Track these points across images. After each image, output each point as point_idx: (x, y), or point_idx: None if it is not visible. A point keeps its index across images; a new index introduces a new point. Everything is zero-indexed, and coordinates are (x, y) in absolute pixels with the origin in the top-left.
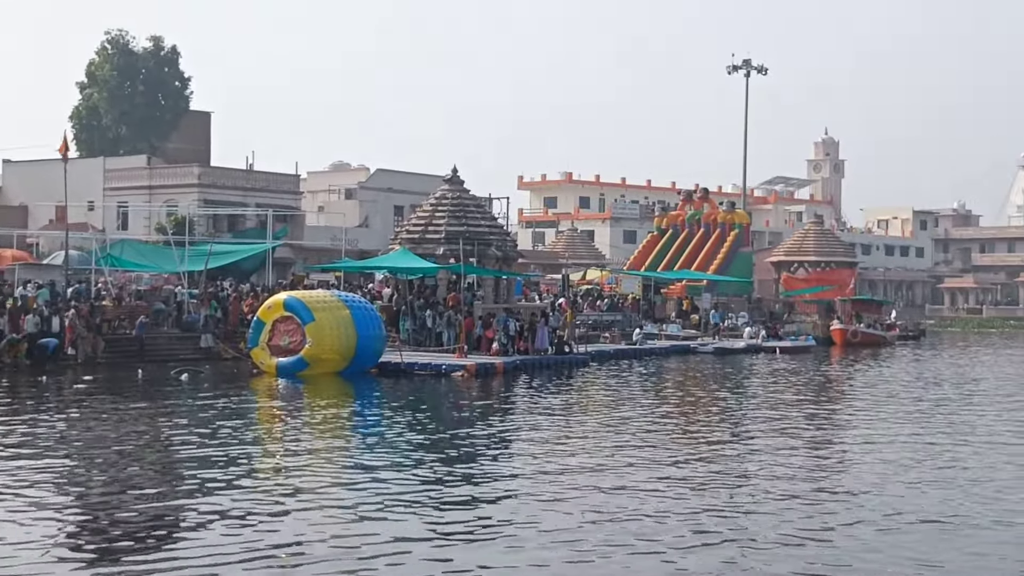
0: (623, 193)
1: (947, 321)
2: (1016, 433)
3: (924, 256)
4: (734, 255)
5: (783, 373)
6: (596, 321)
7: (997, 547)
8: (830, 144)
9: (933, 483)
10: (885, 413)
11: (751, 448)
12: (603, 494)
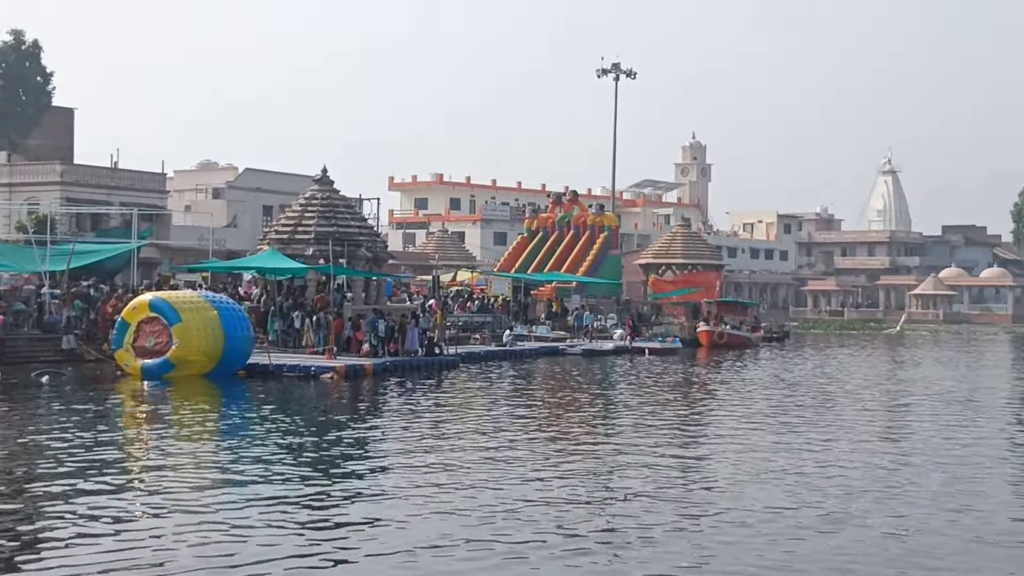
0: (494, 195)
1: (810, 323)
2: (877, 433)
3: (788, 259)
4: (603, 257)
5: (651, 374)
6: (466, 322)
7: (851, 545)
8: (697, 148)
9: (793, 482)
10: (749, 413)
11: (617, 449)
12: (470, 495)
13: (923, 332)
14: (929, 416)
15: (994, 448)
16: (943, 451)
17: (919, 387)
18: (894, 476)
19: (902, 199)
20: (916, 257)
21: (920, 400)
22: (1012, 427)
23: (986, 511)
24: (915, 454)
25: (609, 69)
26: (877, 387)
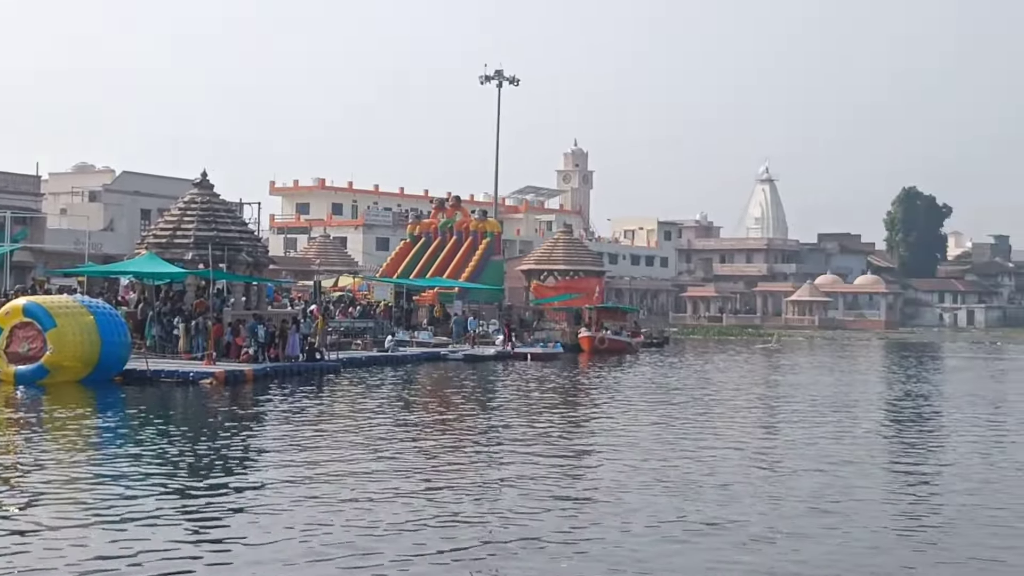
0: (376, 200)
1: (690, 328)
2: (755, 437)
3: (668, 266)
4: (486, 263)
5: (532, 380)
6: (348, 328)
7: (728, 549)
8: (579, 155)
9: (673, 487)
10: (629, 418)
11: (498, 456)
12: (350, 505)
13: (799, 338)
14: (805, 420)
15: (867, 451)
16: (819, 454)
17: (795, 392)
18: (771, 480)
19: (779, 207)
20: (793, 264)
21: (796, 404)
22: (884, 431)
23: (857, 514)
24: (791, 457)
25: (492, 76)
26: (755, 392)
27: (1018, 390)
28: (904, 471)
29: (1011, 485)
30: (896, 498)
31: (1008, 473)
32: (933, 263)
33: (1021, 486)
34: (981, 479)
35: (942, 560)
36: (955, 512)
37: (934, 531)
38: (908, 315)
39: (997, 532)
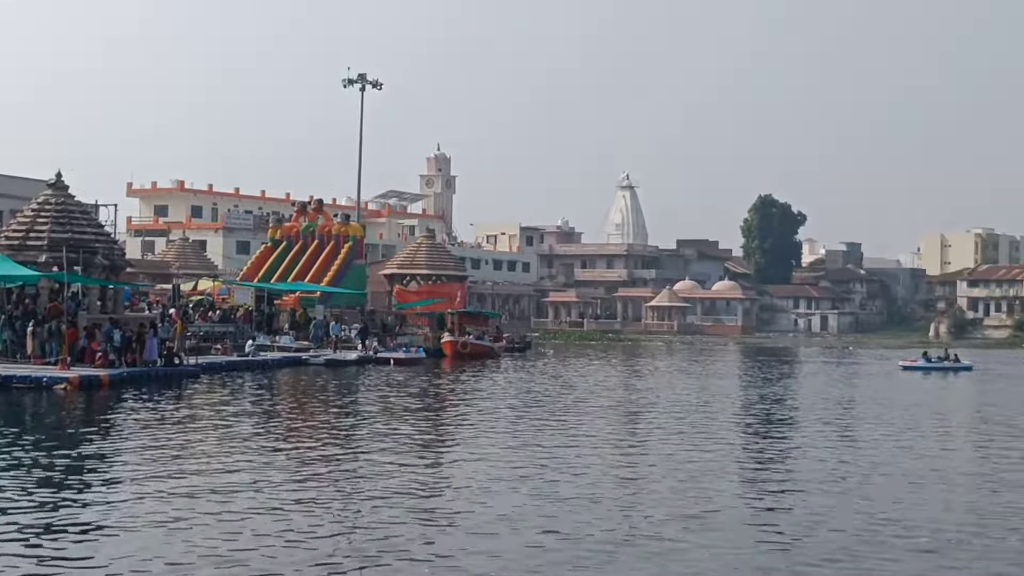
0: (237, 203)
1: (551, 333)
2: (613, 440)
3: (530, 271)
4: (348, 267)
5: (394, 385)
6: (207, 332)
7: (589, 559)
8: (442, 160)
9: (533, 491)
10: (489, 422)
11: (359, 461)
12: (209, 515)
13: (658, 343)
14: (663, 423)
15: (723, 455)
16: (677, 459)
17: (654, 395)
18: (630, 483)
19: (640, 214)
20: (652, 270)
21: (655, 408)
22: (740, 434)
23: (716, 518)
24: (651, 462)
25: (355, 79)
26: (614, 396)
27: (867, 394)
28: (761, 475)
29: (862, 486)
30: (753, 501)
31: (860, 475)
32: (788, 269)
33: (872, 488)
34: (835, 480)
35: (799, 562)
36: (809, 514)
37: (789, 535)
38: (764, 320)
39: (851, 533)
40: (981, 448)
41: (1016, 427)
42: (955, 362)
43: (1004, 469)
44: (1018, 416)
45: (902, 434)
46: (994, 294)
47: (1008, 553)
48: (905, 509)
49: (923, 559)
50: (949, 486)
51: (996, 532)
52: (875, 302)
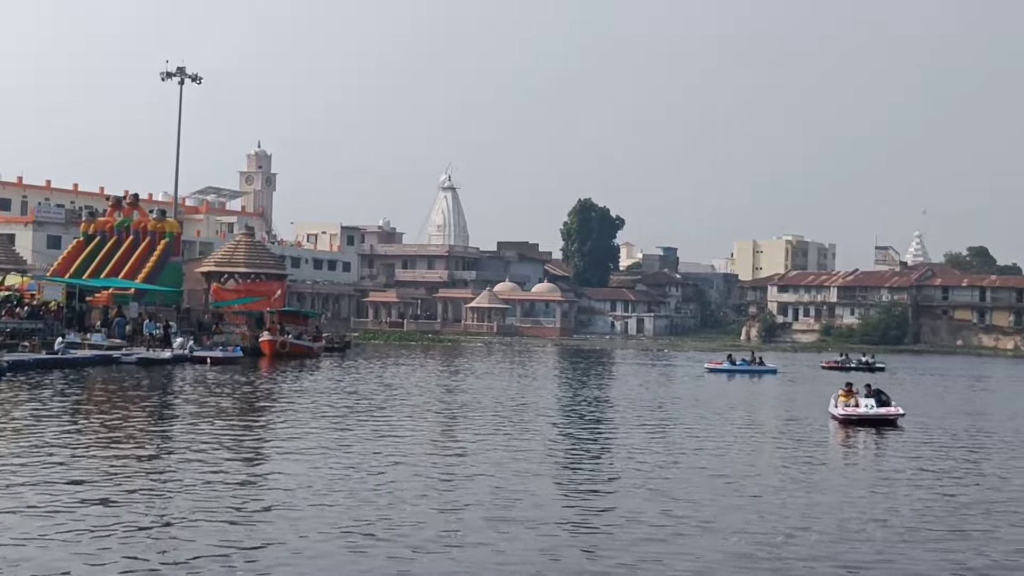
0: (47, 196)
1: (371, 334)
2: (431, 442)
3: (351, 270)
4: (164, 264)
5: (209, 384)
6: (15, 329)
7: (400, 562)
8: (263, 157)
9: (347, 495)
10: (307, 424)
11: (170, 463)
12: (13, 514)
13: (478, 344)
14: (481, 425)
15: (540, 455)
16: (493, 459)
17: (472, 396)
18: (445, 486)
19: (461, 215)
20: (473, 271)
21: (473, 409)
22: (557, 435)
23: (530, 518)
24: (466, 463)
25: (174, 72)
26: (433, 396)
27: (680, 393)
28: (576, 475)
29: (676, 486)
30: (568, 501)
31: (673, 474)
32: (606, 273)
33: (686, 487)
34: (647, 480)
35: (611, 563)
36: (622, 514)
37: (604, 535)
38: (582, 323)
39: (661, 534)
40: (784, 449)
41: (816, 428)
42: (759, 365)
43: (801, 472)
44: (819, 417)
45: (706, 435)
46: (803, 299)
47: (809, 548)
48: (712, 510)
49: (733, 560)
50: (757, 487)
51: (802, 532)
52: (690, 306)
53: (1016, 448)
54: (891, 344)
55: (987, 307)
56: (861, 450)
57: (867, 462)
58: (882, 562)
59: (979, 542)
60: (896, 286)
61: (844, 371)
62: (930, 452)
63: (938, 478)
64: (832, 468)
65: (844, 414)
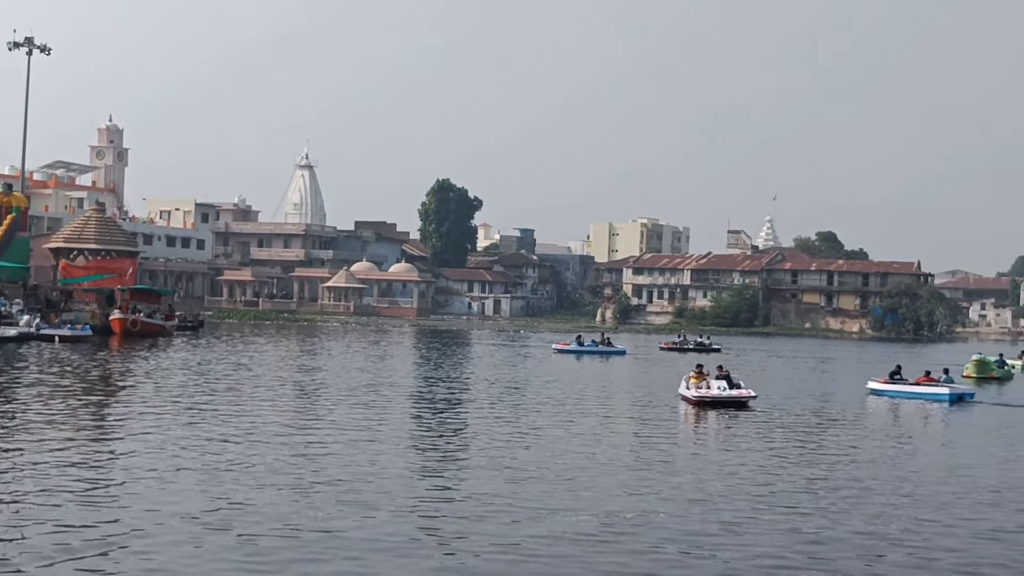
0: None
1: (226, 312)
2: (288, 422)
3: (205, 248)
4: (10, 240)
5: (57, 363)
6: None
7: (241, 546)
8: (114, 132)
9: (200, 477)
10: (156, 403)
11: (10, 443)
12: None
13: (334, 323)
14: (336, 404)
15: (397, 435)
16: (346, 439)
17: (328, 376)
18: (295, 466)
19: (318, 193)
20: (330, 251)
21: (329, 389)
22: (414, 414)
23: (386, 496)
24: (318, 444)
25: (22, 43)
26: (289, 376)
27: (531, 375)
28: (427, 456)
29: (527, 467)
30: (419, 482)
31: (523, 456)
32: (464, 253)
33: (537, 467)
34: (496, 461)
35: (461, 544)
36: (472, 495)
37: (464, 521)
38: (439, 303)
39: (513, 514)
40: (635, 430)
41: (667, 409)
42: (608, 346)
43: (644, 455)
44: (669, 398)
45: (557, 417)
46: (657, 282)
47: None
48: (563, 490)
49: (581, 539)
50: (608, 468)
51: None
52: (546, 287)
53: (857, 427)
54: (742, 326)
55: (834, 291)
56: (712, 431)
57: (718, 443)
58: (730, 535)
59: (823, 518)
60: (747, 269)
61: (681, 351)
62: (779, 433)
63: (785, 457)
64: (684, 449)
65: (698, 396)
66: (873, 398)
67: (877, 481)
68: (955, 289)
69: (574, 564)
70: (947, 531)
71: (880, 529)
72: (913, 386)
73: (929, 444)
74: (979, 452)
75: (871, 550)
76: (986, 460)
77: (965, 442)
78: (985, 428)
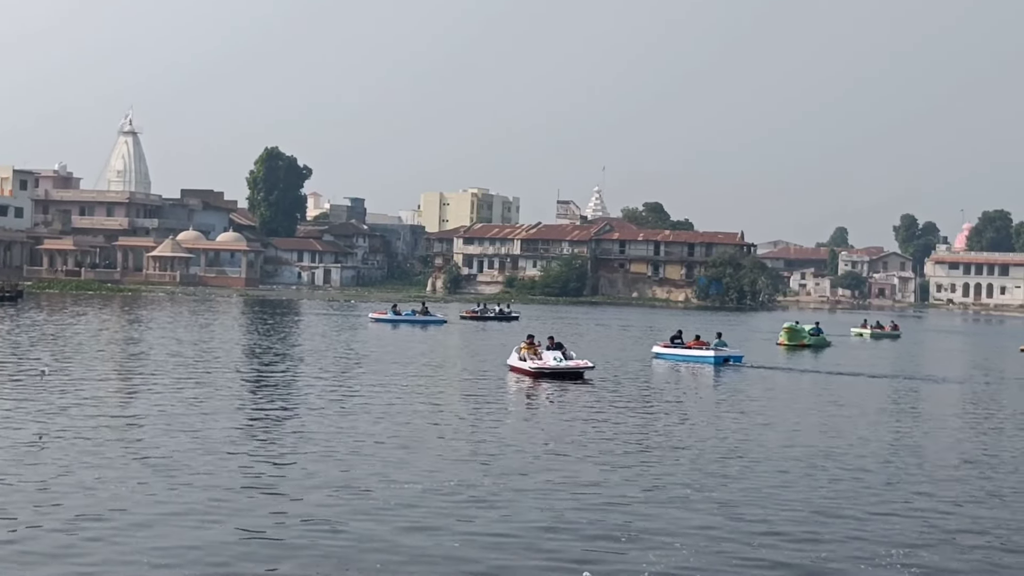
0: None
1: (46, 283)
2: (109, 395)
3: (24, 216)
4: None
5: None
6: None
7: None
8: None
9: (15, 451)
10: None
11: None
12: None
13: (160, 294)
14: (164, 378)
15: (230, 408)
16: (169, 411)
17: (155, 349)
18: (115, 440)
19: (142, 160)
20: (155, 219)
21: (151, 360)
22: (244, 389)
23: (210, 473)
24: (149, 418)
25: None
26: (108, 348)
27: (365, 346)
28: (250, 428)
29: (352, 441)
30: (241, 453)
31: (346, 428)
32: (293, 223)
33: (364, 444)
34: (323, 432)
35: (287, 517)
36: (298, 470)
37: (287, 499)
38: (268, 273)
39: (340, 492)
40: (467, 401)
41: (496, 380)
42: (426, 315)
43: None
44: (496, 369)
45: (385, 388)
46: (487, 251)
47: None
48: (393, 460)
49: (403, 509)
50: (436, 440)
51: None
52: (377, 257)
53: (688, 398)
54: (571, 296)
55: (661, 261)
56: (543, 402)
57: (552, 414)
58: (535, 498)
59: (651, 481)
60: (576, 240)
61: (482, 320)
62: (613, 402)
63: (619, 425)
64: (518, 419)
65: (537, 367)
66: (657, 361)
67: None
68: (777, 259)
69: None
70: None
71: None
72: (686, 350)
73: (691, 403)
74: (711, 410)
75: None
76: (715, 416)
77: (705, 400)
78: (732, 388)
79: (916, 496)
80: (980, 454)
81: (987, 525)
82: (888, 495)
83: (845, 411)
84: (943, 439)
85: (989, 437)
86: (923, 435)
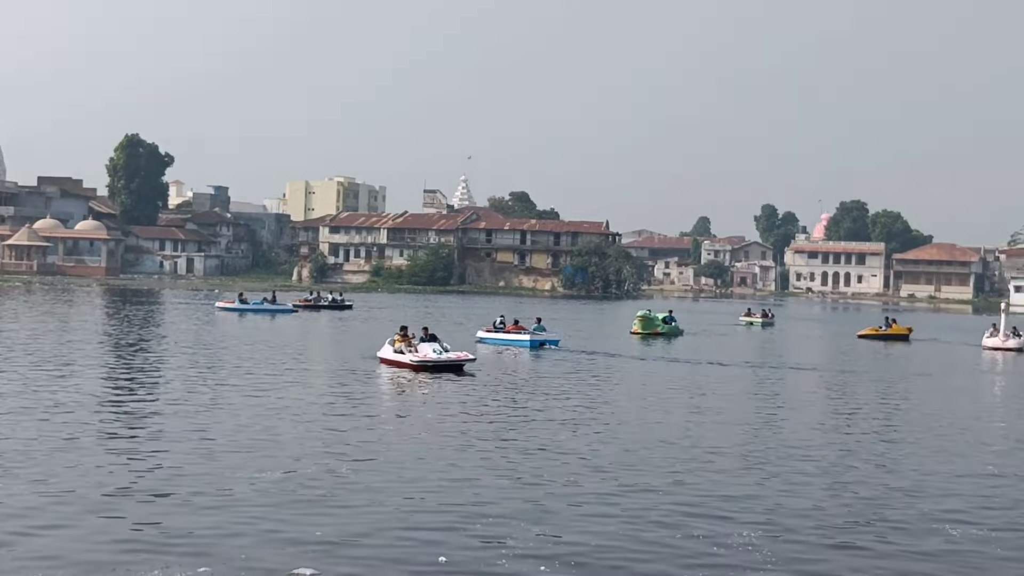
0: None
1: None
2: None
3: None
4: None
5: None
6: None
7: None
8: None
9: None
10: None
11: None
12: None
13: (16, 283)
14: (17, 376)
15: (87, 400)
16: (24, 406)
17: (9, 342)
18: None
19: None
20: (11, 207)
21: (10, 356)
22: (104, 380)
23: (72, 471)
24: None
25: None
26: None
27: (224, 338)
28: (113, 420)
29: (220, 433)
30: (100, 447)
31: (212, 419)
32: (155, 211)
33: (232, 435)
34: (188, 425)
35: (153, 508)
36: (167, 465)
37: (161, 495)
38: (129, 262)
39: (210, 486)
40: (338, 394)
41: (367, 372)
42: (274, 304)
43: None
44: (364, 362)
45: (250, 380)
46: (354, 240)
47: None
48: (260, 453)
49: (260, 496)
50: (309, 434)
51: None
52: (241, 246)
53: (566, 392)
54: (439, 285)
55: (527, 250)
56: (420, 396)
57: (429, 408)
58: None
59: (528, 477)
60: (443, 229)
61: (316, 309)
62: (492, 394)
63: (499, 420)
64: (391, 414)
65: (418, 360)
66: (480, 345)
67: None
68: (641, 248)
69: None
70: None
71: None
72: (506, 334)
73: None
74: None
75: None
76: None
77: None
78: (539, 370)
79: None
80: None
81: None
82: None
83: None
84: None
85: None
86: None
